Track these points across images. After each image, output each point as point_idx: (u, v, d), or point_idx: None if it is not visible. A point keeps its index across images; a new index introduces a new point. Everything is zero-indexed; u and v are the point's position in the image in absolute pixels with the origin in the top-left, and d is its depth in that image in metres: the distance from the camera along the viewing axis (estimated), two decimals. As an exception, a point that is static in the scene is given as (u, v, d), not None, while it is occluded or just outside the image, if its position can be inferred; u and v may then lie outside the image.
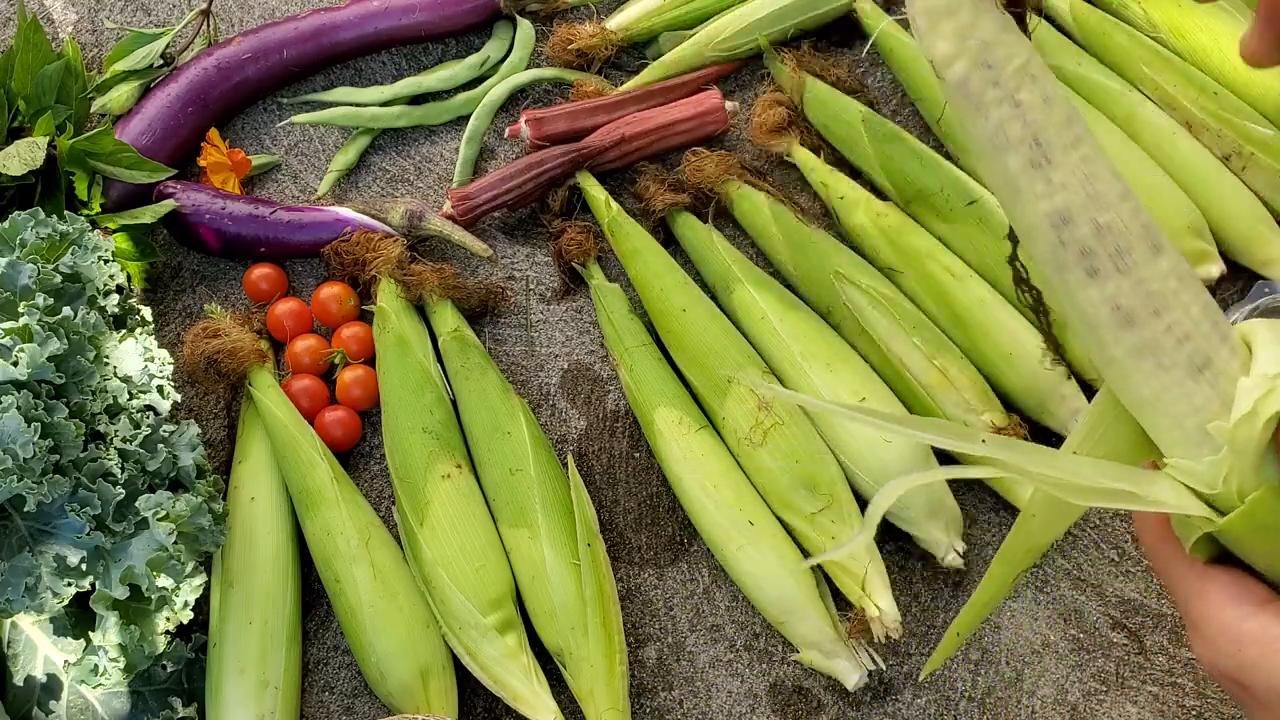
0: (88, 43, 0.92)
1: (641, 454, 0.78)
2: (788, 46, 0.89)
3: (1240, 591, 0.43)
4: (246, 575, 0.70)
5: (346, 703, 0.73)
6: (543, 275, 0.84)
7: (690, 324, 0.77)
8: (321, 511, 0.72)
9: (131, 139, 0.82)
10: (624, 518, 0.76)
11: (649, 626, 0.74)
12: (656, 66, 0.88)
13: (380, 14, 0.88)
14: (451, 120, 0.89)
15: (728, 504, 0.71)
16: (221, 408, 0.80)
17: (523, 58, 0.90)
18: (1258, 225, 0.78)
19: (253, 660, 0.68)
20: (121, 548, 0.61)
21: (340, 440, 0.77)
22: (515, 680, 0.68)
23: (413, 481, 0.72)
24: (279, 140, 0.89)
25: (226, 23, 0.92)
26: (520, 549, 0.71)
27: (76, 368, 0.63)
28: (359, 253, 0.80)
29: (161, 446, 0.66)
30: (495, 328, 0.82)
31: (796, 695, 0.71)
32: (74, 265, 0.66)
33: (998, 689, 0.71)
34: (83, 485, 0.61)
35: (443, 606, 0.69)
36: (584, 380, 0.81)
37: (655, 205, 0.82)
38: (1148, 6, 0.84)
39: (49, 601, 0.59)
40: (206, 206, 0.81)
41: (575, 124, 0.84)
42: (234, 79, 0.86)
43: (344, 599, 0.70)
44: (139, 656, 0.63)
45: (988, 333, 0.75)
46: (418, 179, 0.87)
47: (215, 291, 0.84)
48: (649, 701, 0.72)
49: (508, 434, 0.74)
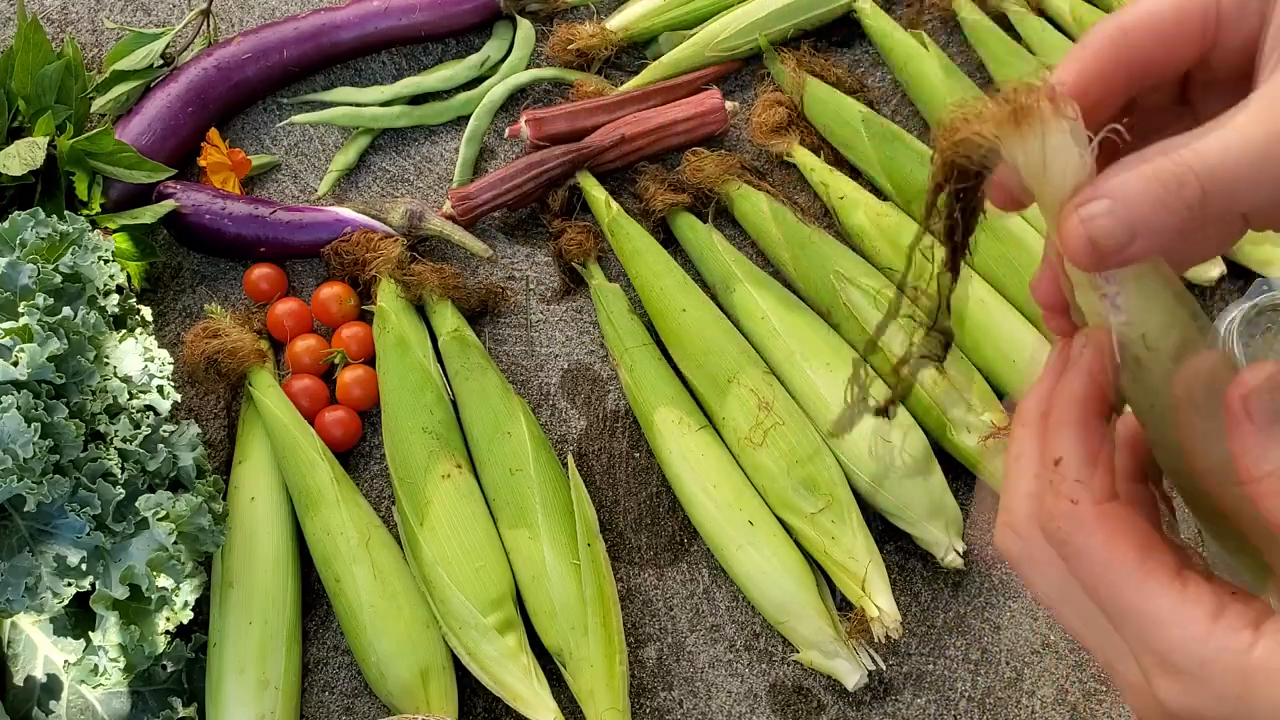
0: (88, 43, 0.92)
1: (641, 454, 0.78)
2: (788, 46, 0.89)
3: (1224, 606, 0.30)
4: (246, 575, 0.70)
5: (346, 703, 0.73)
6: (543, 275, 0.84)
7: (690, 324, 0.77)
8: (321, 511, 0.72)
9: (131, 139, 0.82)
10: (624, 518, 0.76)
11: (649, 626, 0.74)
12: (656, 66, 0.88)
13: (380, 14, 0.88)
14: (451, 120, 0.89)
15: (728, 504, 0.71)
16: (221, 408, 0.80)
17: (523, 58, 0.90)
18: (1257, 225, 0.78)
19: (253, 660, 0.68)
20: (121, 548, 0.61)
21: (340, 440, 0.77)
22: (515, 680, 0.68)
23: (413, 481, 0.72)
24: (279, 140, 0.89)
25: (226, 23, 0.92)
26: (520, 549, 0.71)
27: (76, 368, 0.63)
28: (359, 253, 0.80)
29: (161, 446, 0.66)
30: (495, 328, 0.82)
31: (796, 695, 0.71)
32: (74, 265, 0.66)
33: (998, 689, 0.71)
34: (83, 485, 0.61)
35: (443, 606, 0.69)
36: (584, 380, 0.81)
37: (655, 205, 0.82)
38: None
39: (49, 601, 0.59)
40: (206, 206, 0.81)
41: (575, 124, 0.84)
42: (234, 79, 0.86)
43: (344, 599, 0.70)
44: (139, 656, 0.63)
45: (988, 333, 0.75)
46: (418, 179, 0.87)
47: (215, 291, 0.84)
48: (649, 701, 0.72)
49: (508, 434, 0.74)
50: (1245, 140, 0.29)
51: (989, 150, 0.33)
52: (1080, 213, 0.31)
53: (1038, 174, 0.33)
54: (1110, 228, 0.30)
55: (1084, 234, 0.31)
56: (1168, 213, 0.30)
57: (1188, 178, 0.29)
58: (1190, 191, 0.29)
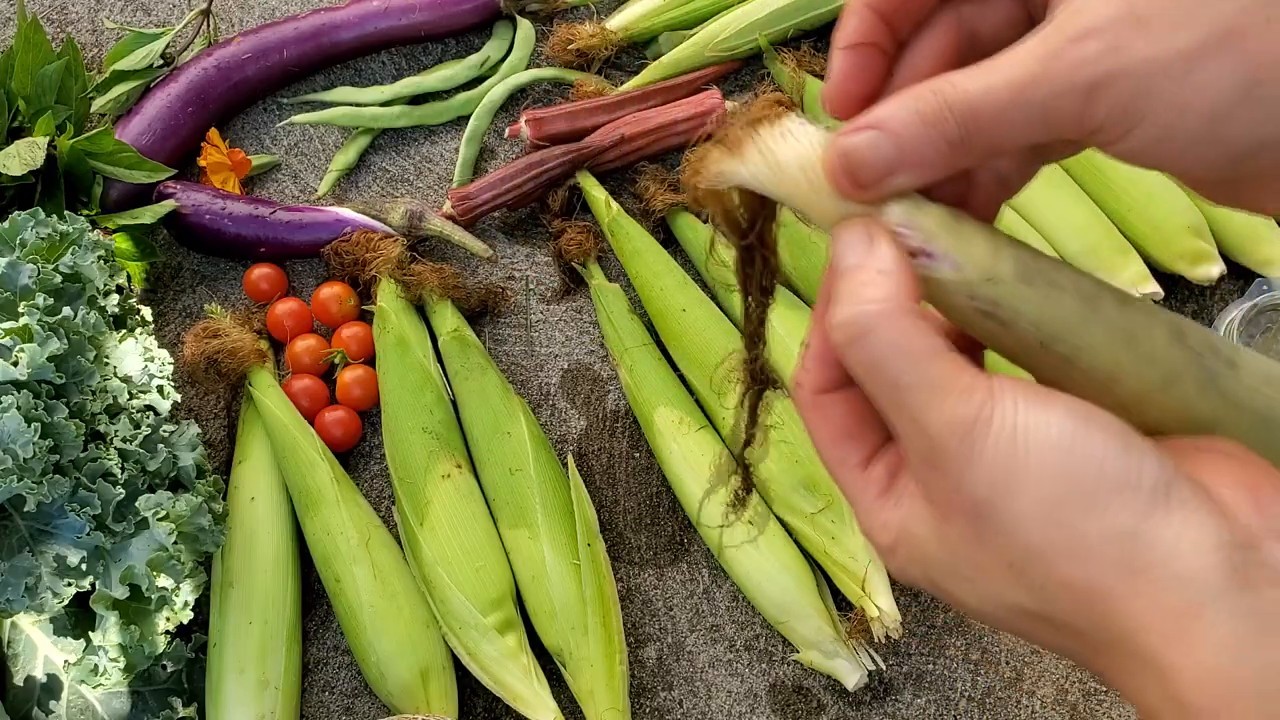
0: (88, 43, 0.92)
1: (641, 454, 0.78)
2: (788, 46, 0.89)
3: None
4: (246, 575, 0.70)
5: (346, 703, 0.73)
6: (543, 275, 0.84)
7: (690, 324, 0.77)
8: (321, 511, 0.72)
9: (131, 139, 0.82)
10: (624, 518, 0.76)
11: (649, 626, 0.74)
12: (656, 66, 0.88)
13: (380, 14, 0.88)
14: (451, 120, 0.89)
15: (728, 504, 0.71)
16: (221, 408, 0.80)
17: (523, 58, 0.90)
18: (1257, 225, 0.78)
19: (253, 660, 0.68)
20: (121, 548, 0.61)
21: (340, 440, 0.77)
22: (515, 680, 0.68)
23: (413, 481, 0.72)
24: (279, 140, 0.89)
25: (226, 23, 0.92)
26: (520, 549, 0.71)
27: (76, 368, 0.63)
28: (359, 253, 0.80)
29: (161, 446, 0.66)
30: (495, 328, 0.82)
31: (796, 695, 0.71)
32: (74, 265, 0.66)
33: (998, 689, 0.71)
34: (83, 485, 0.61)
35: (443, 606, 0.69)
36: (584, 380, 0.81)
37: (655, 205, 0.82)
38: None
39: (49, 601, 0.59)
40: (206, 206, 0.81)
41: (575, 124, 0.84)
42: (234, 79, 0.86)
43: (344, 599, 0.70)
44: (139, 656, 0.63)
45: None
46: (418, 179, 0.87)
47: (215, 291, 0.84)
48: (649, 701, 0.72)
49: (508, 434, 0.74)
50: (1006, 81, 0.30)
51: (729, 185, 0.34)
52: (841, 141, 0.32)
53: (778, 179, 0.33)
54: (873, 156, 0.31)
55: (846, 161, 0.32)
56: (929, 147, 0.31)
57: (945, 114, 0.30)
58: (950, 127, 0.30)
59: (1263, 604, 0.28)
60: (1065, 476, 0.29)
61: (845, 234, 0.32)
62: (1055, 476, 0.29)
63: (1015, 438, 0.29)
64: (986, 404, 0.30)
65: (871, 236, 0.32)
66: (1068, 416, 0.30)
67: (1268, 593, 0.28)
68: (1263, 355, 0.34)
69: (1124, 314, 0.33)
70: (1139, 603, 0.28)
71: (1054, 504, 0.29)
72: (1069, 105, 0.30)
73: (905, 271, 0.31)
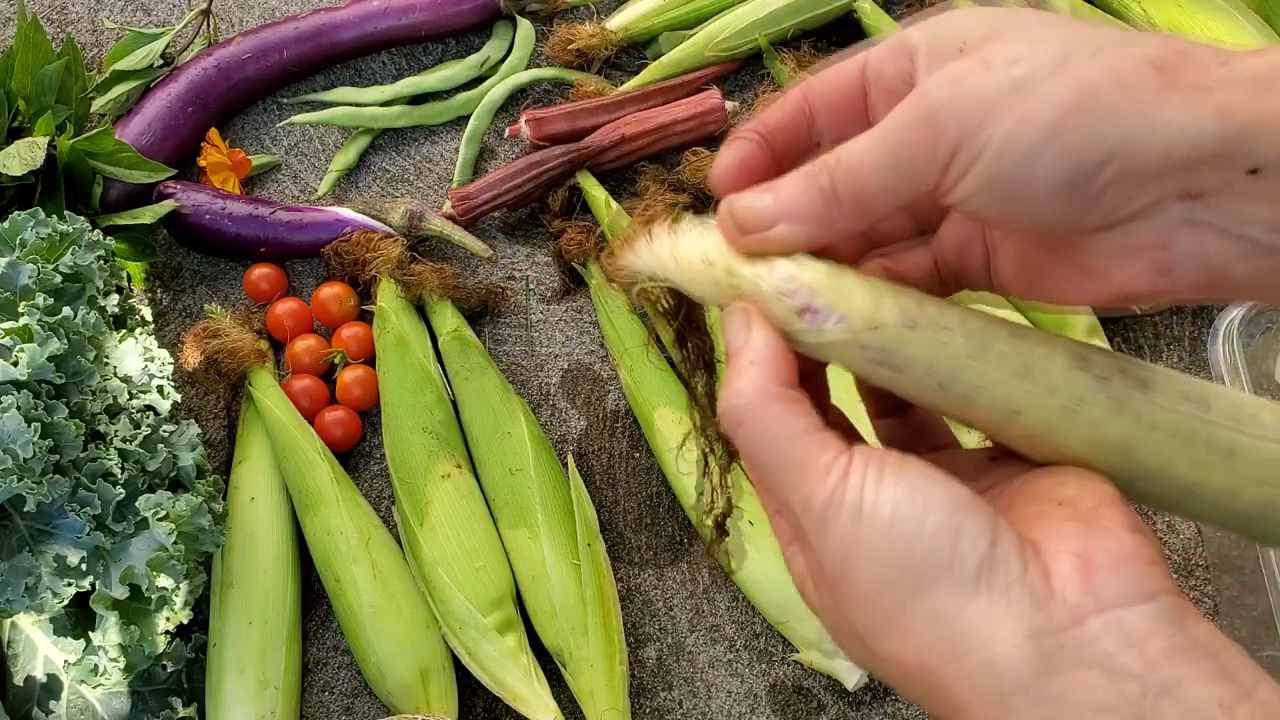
0: (88, 43, 0.92)
1: (641, 454, 0.78)
2: (788, 46, 0.89)
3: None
4: (246, 575, 0.70)
5: (346, 703, 0.73)
6: (543, 275, 0.84)
7: (690, 324, 0.77)
8: (321, 511, 0.72)
9: (131, 139, 0.82)
10: (624, 518, 0.76)
11: (649, 626, 0.74)
12: (656, 66, 0.88)
13: (380, 14, 0.88)
14: (451, 120, 0.89)
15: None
16: (221, 408, 0.80)
17: (523, 58, 0.90)
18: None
19: (253, 660, 0.68)
20: (121, 548, 0.61)
21: (340, 440, 0.77)
22: (515, 680, 0.68)
23: (413, 481, 0.72)
24: (279, 140, 0.89)
25: (226, 23, 0.92)
26: (520, 549, 0.71)
27: (76, 368, 0.63)
28: (359, 253, 0.80)
29: (161, 446, 0.66)
30: (495, 328, 0.82)
31: (796, 695, 0.71)
32: (74, 265, 0.66)
33: (998, 689, 0.71)
34: (83, 485, 0.61)
35: (443, 606, 0.69)
36: (584, 380, 0.81)
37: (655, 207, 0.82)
38: (1147, 6, 0.84)
39: (49, 601, 0.59)
40: (206, 206, 0.81)
41: (575, 124, 0.84)
42: (234, 79, 0.86)
43: (344, 599, 0.70)
44: (139, 656, 0.63)
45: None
46: (418, 179, 0.87)
47: (215, 291, 0.84)
48: (649, 701, 0.72)
49: (508, 434, 0.74)
50: (869, 134, 0.33)
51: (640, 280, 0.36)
52: (732, 197, 0.36)
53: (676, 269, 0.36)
54: (756, 204, 0.35)
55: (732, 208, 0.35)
56: (803, 198, 0.34)
57: (820, 168, 0.34)
58: (823, 179, 0.34)
59: (1064, 687, 0.29)
60: (894, 557, 0.31)
61: (728, 319, 0.35)
62: (886, 558, 0.31)
63: (858, 518, 0.31)
64: (840, 485, 0.32)
65: (750, 321, 0.34)
66: (907, 494, 0.31)
67: (1071, 675, 0.29)
68: (1179, 373, 0.35)
69: (1018, 347, 0.34)
70: (960, 686, 0.30)
71: (884, 584, 0.31)
72: (920, 137, 0.32)
73: (776, 355, 0.34)
